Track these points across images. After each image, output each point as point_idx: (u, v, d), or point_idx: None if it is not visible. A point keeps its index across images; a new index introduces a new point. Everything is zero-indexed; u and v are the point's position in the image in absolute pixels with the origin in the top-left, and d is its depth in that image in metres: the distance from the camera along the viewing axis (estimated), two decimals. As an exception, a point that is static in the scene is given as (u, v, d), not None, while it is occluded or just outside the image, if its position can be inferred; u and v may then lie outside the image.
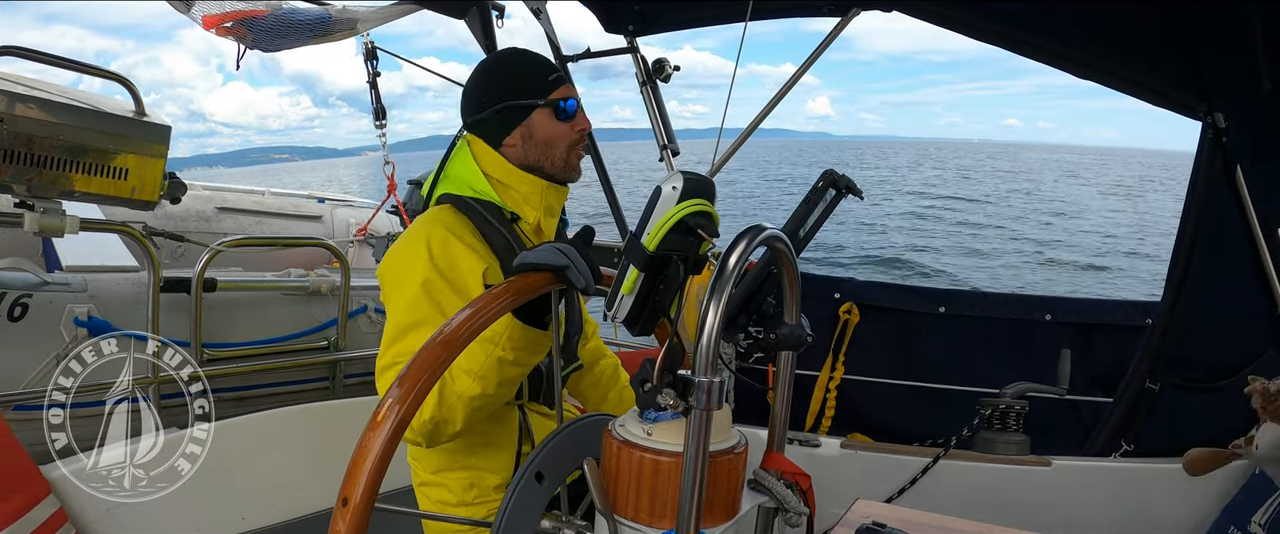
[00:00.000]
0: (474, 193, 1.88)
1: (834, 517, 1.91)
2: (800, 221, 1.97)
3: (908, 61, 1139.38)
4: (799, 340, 1.40)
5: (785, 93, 3.98)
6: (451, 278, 1.73)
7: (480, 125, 1.91)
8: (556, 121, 1.90)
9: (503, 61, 2.00)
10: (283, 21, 3.64)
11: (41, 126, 2.70)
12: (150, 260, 3.17)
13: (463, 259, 1.75)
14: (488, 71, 1.97)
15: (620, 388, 2.21)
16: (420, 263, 1.72)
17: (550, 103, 1.89)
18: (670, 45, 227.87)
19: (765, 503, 1.43)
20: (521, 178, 1.89)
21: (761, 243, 1.18)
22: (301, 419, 3.11)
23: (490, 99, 1.90)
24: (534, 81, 1.91)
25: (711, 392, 1.06)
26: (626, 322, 1.34)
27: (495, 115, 1.90)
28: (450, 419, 1.62)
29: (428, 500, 1.94)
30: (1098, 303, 4.18)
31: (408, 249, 1.77)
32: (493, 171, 1.89)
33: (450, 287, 1.72)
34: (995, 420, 3.25)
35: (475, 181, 1.88)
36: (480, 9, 4.04)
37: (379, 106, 4.62)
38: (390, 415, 1.14)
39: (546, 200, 1.92)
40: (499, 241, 1.84)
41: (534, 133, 1.89)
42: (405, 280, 1.72)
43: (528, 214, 1.91)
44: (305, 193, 6.22)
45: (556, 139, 1.90)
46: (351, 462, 1.12)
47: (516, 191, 1.90)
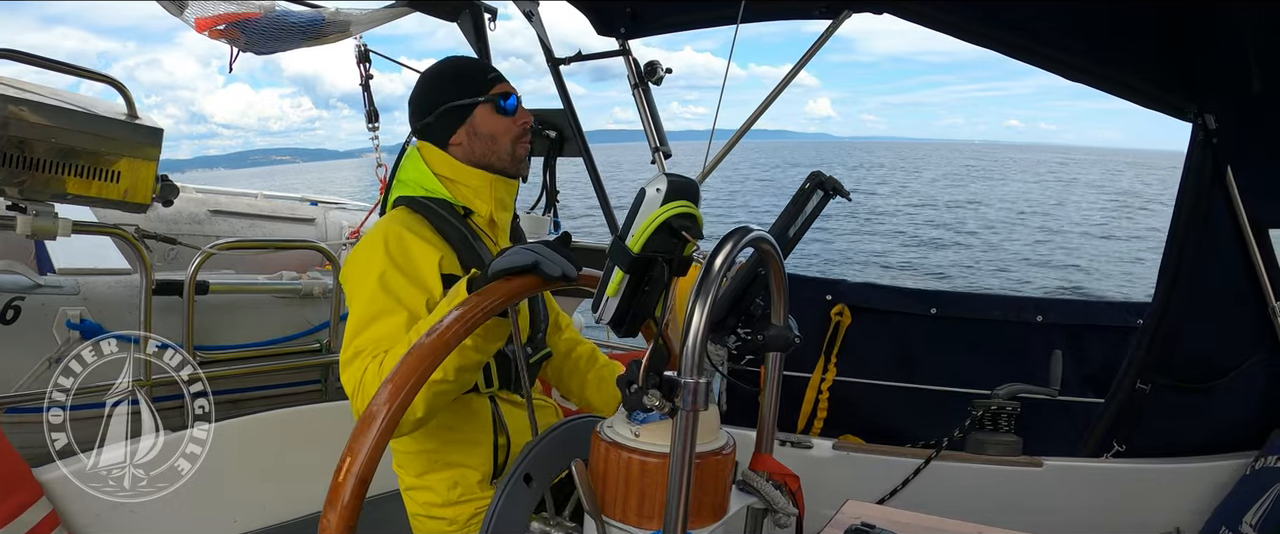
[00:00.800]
0: (426, 192, 1.96)
1: (825, 518, 1.91)
2: (788, 223, 1.97)
3: (908, 62, 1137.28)
4: (786, 342, 1.40)
5: (776, 95, 3.97)
6: (407, 270, 1.78)
7: (428, 129, 2.00)
8: (497, 116, 1.98)
9: (442, 68, 2.10)
10: (276, 24, 3.63)
11: (34, 129, 2.70)
12: (142, 263, 3.17)
13: (417, 251, 1.82)
14: (430, 78, 2.06)
15: (599, 368, 2.25)
16: (377, 258, 1.78)
17: (490, 99, 1.98)
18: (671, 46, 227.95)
19: (754, 504, 1.44)
20: (470, 173, 1.98)
21: (747, 244, 1.19)
22: (294, 422, 3.11)
23: (434, 102, 1.99)
24: (473, 81, 2.01)
25: (697, 393, 1.07)
26: (612, 323, 1.34)
27: (440, 117, 1.98)
28: (413, 406, 1.63)
29: (414, 503, 1.97)
30: (1089, 304, 4.19)
31: (365, 250, 1.83)
32: (442, 170, 1.98)
33: (406, 277, 1.77)
34: (987, 421, 3.26)
35: (426, 181, 1.97)
36: (472, 12, 4.05)
37: (372, 109, 4.62)
38: (379, 415, 1.15)
39: (497, 194, 2.00)
40: (454, 235, 1.91)
41: (477, 129, 1.98)
42: (364, 277, 1.77)
43: (480, 207, 1.98)
44: (298, 195, 6.21)
45: (499, 133, 1.98)
46: (341, 461, 1.12)
47: (466, 187, 1.97)
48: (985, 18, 3.19)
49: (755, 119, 3.95)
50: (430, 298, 1.76)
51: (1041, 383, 3.32)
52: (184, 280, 3.44)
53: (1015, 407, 3.26)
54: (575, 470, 1.29)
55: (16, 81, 2.86)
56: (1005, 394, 3.29)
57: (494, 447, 1.91)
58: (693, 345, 1.06)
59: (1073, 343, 3.66)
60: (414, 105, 2.04)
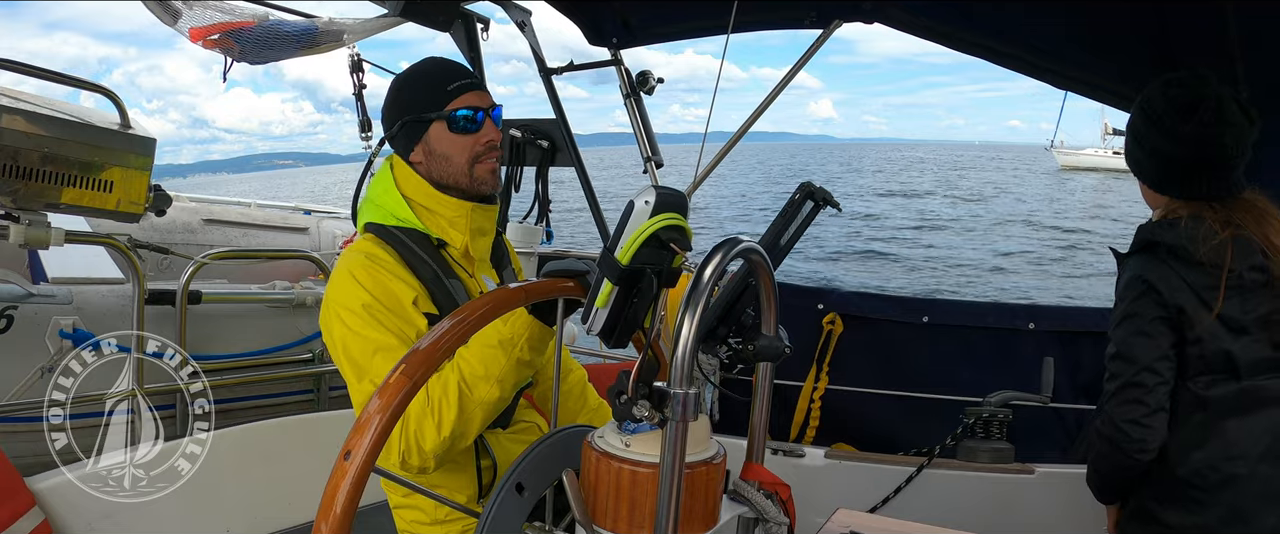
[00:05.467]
0: (397, 221, 1.83)
1: (818, 526, 1.92)
2: (778, 234, 1.97)
3: (910, 64, 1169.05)
4: (777, 352, 1.41)
5: (770, 102, 3.99)
6: (386, 302, 1.71)
7: (394, 143, 1.87)
8: (453, 134, 1.83)
9: (408, 74, 1.93)
10: (270, 33, 3.65)
11: (27, 139, 2.70)
12: (135, 272, 3.17)
13: (392, 284, 1.73)
14: (394, 87, 1.92)
15: (590, 411, 2.16)
16: (355, 294, 1.70)
17: (444, 115, 1.82)
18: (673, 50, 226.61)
19: (745, 513, 1.44)
20: (445, 201, 1.84)
21: (737, 255, 1.20)
22: (287, 431, 3.11)
23: (396, 114, 1.87)
24: (432, 93, 1.84)
25: (686, 403, 1.07)
26: (601, 334, 1.35)
27: (402, 130, 1.85)
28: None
29: (403, 521, 1.94)
30: (1081, 310, 4.19)
31: (338, 288, 1.74)
32: (414, 195, 1.85)
33: (387, 309, 1.70)
34: (979, 429, 3.26)
35: (398, 209, 1.83)
36: (465, 22, 4.05)
37: (365, 118, 4.62)
38: (372, 422, 1.15)
39: (474, 223, 1.87)
40: (426, 272, 1.80)
41: (432, 147, 1.84)
42: (349, 314, 1.69)
43: (454, 239, 1.86)
44: (292, 205, 6.21)
45: (454, 153, 1.83)
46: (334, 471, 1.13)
47: (441, 216, 1.85)
48: (974, 26, 3.21)
49: (749, 126, 3.96)
50: (419, 332, 1.69)
51: (1033, 390, 3.32)
52: (177, 290, 3.44)
53: (1007, 414, 3.26)
54: (566, 480, 1.29)
55: (10, 91, 2.86)
56: (997, 402, 3.29)
57: (477, 470, 1.86)
58: (682, 356, 1.07)
59: (1064, 350, 3.66)
60: (382, 115, 1.90)
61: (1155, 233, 2.06)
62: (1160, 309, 1.99)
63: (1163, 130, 2.06)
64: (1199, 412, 2.01)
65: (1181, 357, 2.01)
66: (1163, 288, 1.99)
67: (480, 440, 1.86)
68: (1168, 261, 2.01)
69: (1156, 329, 1.99)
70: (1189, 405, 2.02)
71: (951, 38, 3.27)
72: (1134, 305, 2.03)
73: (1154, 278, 2.01)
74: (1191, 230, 1.99)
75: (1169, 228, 2.03)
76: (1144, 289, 2.01)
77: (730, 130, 4.18)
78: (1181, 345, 2.00)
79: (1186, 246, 1.98)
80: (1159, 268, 2.02)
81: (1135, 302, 2.03)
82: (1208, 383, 2.00)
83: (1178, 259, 2.00)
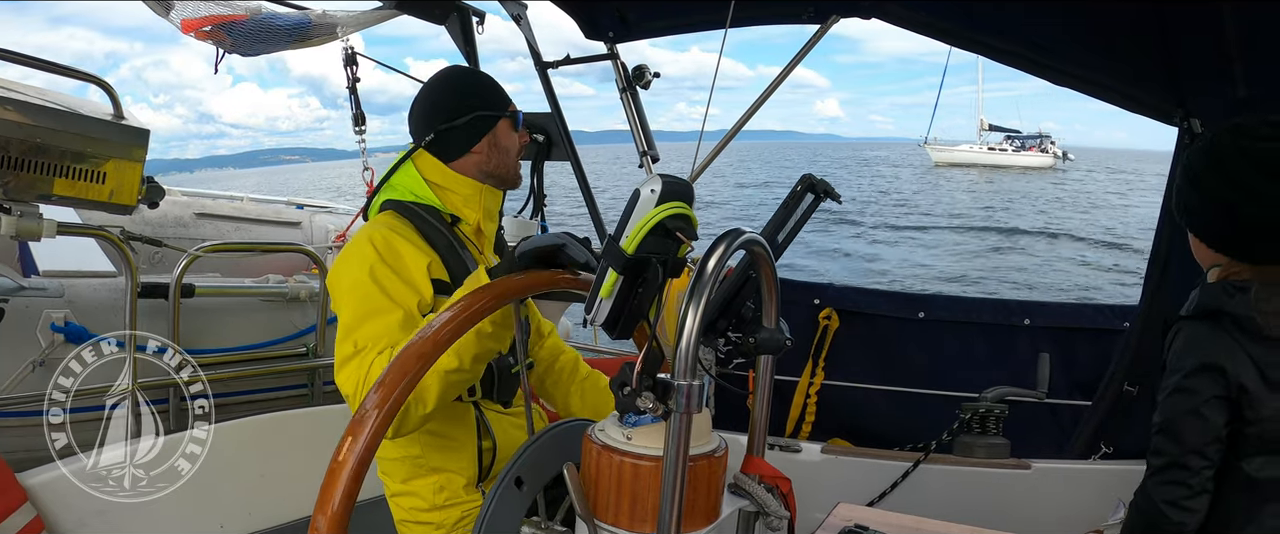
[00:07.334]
0: (415, 197, 1.98)
1: (815, 521, 1.91)
2: (779, 226, 1.97)
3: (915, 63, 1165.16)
4: (778, 345, 1.40)
5: (765, 99, 3.97)
6: (397, 267, 1.80)
7: (451, 133, 1.99)
8: (513, 132, 2.07)
9: (469, 75, 2.20)
10: (262, 26, 3.61)
11: (19, 129, 2.67)
12: (128, 265, 3.14)
13: (406, 253, 1.84)
14: (458, 85, 2.11)
15: (582, 379, 2.28)
16: (367, 256, 1.80)
17: (511, 114, 2.06)
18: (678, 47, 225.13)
19: (746, 507, 1.44)
20: (461, 181, 2.01)
21: (740, 247, 1.19)
22: (283, 426, 3.09)
23: (465, 108, 2.01)
24: (499, 94, 2.07)
25: (691, 395, 1.06)
26: (605, 325, 1.33)
27: (468, 123, 2.00)
28: (423, 399, 1.64)
29: (401, 509, 1.97)
30: (1076, 307, 4.20)
31: (354, 250, 1.85)
32: (432, 176, 2.00)
33: (396, 275, 1.79)
34: (975, 424, 3.26)
35: (416, 187, 1.99)
36: (460, 15, 4.03)
37: (358, 112, 4.59)
38: (370, 418, 1.14)
39: (484, 203, 2.04)
40: (441, 242, 1.93)
41: (499, 141, 2.04)
42: (355, 276, 1.79)
43: (468, 215, 2.01)
44: (284, 199, 6.18)
45: (511, 147, 2.07)
46: (331, 464, 1.12)
47: (456, 194, 2.00)
48: (972, 24, 3.20)
49: (745, 121, 3.95)
50: (422, 300, 1.78)
51: (1029, 386, 3.33)
52: (170, 283, 3.41)
53: (1003, 410, 3.27)
54: (567, 474, 1.28)
55: (8, 83, 2.84)
56: (993, 397, 3.29)
57: (478, 450, 1.92)
58: (686, 348, 1.06)
59: (1060, 346, 3.66)
60: (437, 108, 2.02)
61: (1220, 301, 1.85)
62: (1220, 388, 1.81)
63: (1237, 185, 1.84)
64: (1246, 494, 1.84)
65: (1237, 435, 1.83)
66: (1227, 365, 1.80)
67: (481, 421, 1.93)
68: (1232, 333, 1.82)
69: (1213, 410, 1.81)
70: (1235, 485, 1.85)
71: (950, 34, 3.26)
72: (1191, 380, 1.84)
73: (1218, 354, 1.82)
74: (1262, 302, 1.80)
75: (1237, 294, 1.83)
76: (1204, 364, 1.83)
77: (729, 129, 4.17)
78: (1238, 424, 1.82)
79: (1256, 320, 1.79)
80: (1222, 340, 1.83)
81: (1192, 376, 1.84)
82: (1262, 464, 1.83)
83: (1243, 332, 1.81)
